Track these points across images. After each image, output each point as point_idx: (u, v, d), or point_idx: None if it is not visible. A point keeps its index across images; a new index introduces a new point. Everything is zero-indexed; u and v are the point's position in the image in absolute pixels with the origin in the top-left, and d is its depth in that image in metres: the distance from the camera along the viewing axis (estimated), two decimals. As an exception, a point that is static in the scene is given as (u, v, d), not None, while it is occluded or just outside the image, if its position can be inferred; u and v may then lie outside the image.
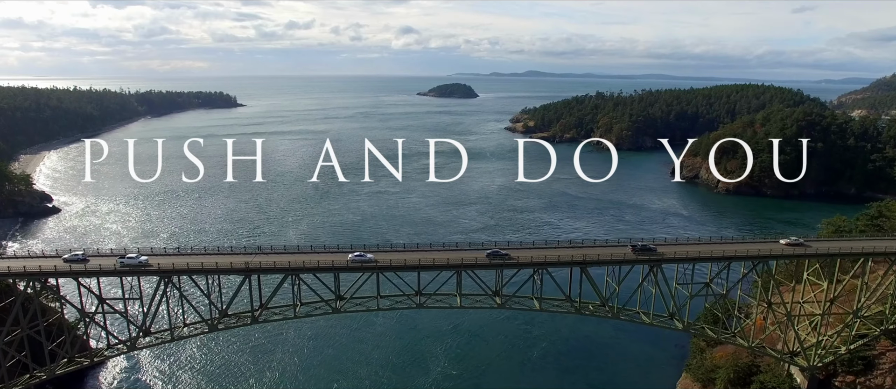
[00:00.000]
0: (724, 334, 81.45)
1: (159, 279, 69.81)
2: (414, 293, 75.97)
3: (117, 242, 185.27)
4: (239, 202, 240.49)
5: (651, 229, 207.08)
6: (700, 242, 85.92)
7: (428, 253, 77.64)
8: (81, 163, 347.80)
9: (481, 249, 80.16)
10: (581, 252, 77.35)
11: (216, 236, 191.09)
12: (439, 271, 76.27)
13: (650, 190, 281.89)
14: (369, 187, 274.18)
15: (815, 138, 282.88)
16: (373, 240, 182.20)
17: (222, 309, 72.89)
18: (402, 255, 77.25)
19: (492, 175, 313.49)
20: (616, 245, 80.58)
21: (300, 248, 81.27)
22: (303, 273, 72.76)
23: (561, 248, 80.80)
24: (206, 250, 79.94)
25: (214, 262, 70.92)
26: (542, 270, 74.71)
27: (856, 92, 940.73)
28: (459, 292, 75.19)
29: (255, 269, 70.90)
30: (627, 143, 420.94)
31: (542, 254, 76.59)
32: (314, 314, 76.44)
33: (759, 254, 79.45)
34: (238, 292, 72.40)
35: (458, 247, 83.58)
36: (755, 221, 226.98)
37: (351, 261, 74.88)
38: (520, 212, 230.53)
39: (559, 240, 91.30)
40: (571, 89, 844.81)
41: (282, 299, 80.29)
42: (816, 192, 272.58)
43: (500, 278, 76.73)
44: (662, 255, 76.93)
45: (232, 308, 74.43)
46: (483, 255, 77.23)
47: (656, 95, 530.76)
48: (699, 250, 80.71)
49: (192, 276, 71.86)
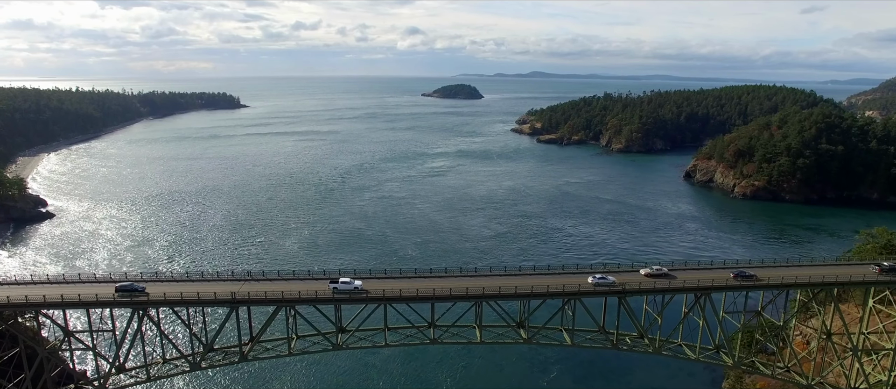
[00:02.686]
0: (778, 368, 71.72)
1: (133, 311, 60.57)
2: (426, 325, 66.32)
3: (111, 250, 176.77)
4: (238, 207, 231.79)
5: (668, 236, 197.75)
6: (751, 264, 76.17)
7: (443, 280, 67.50)
8: (80, 165, 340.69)
9: (503, 274, 70.39)
10: (620, 278, 67.56)
11: (213, 244, 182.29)
12: (456, 302, 66.55)
13: (664, 194, 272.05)
14: (374, 192, 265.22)
15: (835, 141, 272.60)
16: (377, 250, 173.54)
17: (207, 343, 63.57)
18: (412, 283, 67.14)
19: (499, 178, 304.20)
20: (658, 274, 70.42)
21: (296, 273, 70.98)
22: (299, 305, 63.08)
23: (583, 273, 70.91)
24: (188, 274, 70.27)
25: (196, 292, 61.37)
26: (575, 299, 65.14)
27: (866, 93, 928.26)
28: (479, 323, 65.79)
29: (243, 300, 61.57)
30: (637, 145, 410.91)
31: (575, 281, 66.82)
32: (311, 350, 66.86)
33: (823, 280, 69.37)
34: (224, 324, 63.11)
35: (478, 273, 73.48)
36: (777, 228, 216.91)
37: (334, 290, 65.14)
38: (530, 217, 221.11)
39: (592, 264, 78.23)
40: (577, 90, 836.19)
41: (276, 330, 70.99)
42: (837, 197, 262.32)
43: (526, 307, 67.12)
44: (712, 282, 66.91)
45: (219, 341, 65.08)
46: (506, 283, 67.39)
47: (665, 96, 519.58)
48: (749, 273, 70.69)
49: (173, 307, 62.41)
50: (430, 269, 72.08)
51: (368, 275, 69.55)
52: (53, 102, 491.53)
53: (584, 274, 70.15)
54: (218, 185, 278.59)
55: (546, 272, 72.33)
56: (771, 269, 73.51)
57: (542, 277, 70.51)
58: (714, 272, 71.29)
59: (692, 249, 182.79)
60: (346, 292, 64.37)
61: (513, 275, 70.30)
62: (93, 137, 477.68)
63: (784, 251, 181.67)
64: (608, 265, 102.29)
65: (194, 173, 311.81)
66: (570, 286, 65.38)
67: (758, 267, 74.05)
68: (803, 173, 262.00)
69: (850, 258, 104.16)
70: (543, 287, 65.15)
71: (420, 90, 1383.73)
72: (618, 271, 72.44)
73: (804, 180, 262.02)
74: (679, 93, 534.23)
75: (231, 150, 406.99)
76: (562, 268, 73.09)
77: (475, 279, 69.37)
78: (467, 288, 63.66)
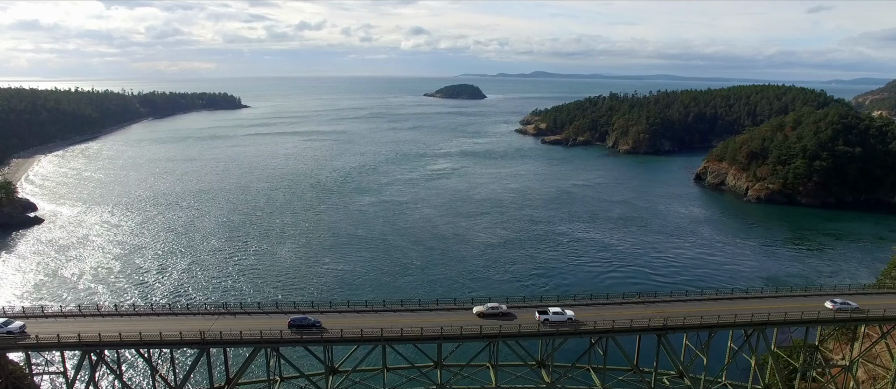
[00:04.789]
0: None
1: (82, 354, 51.41)
2: (432, 364, 56.94)
3: (100, 258, 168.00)
4: (233, 213, 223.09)
5: (682, 243, 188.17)
6: (806, 291, 66.63)
7: (451, 314, 57.79)
8: (75, 168, 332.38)
9: (524, 305, 60.80)
10: (658, 311, 58.10)
11: (205, 254, 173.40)
12: (466, 341, 56.75)
13: (674, 197, 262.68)
14: (375, 195, 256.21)
15: (852, 143, 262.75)
16: (378, 260, 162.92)
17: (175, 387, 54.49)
18: (416, 318, 57.45)
19: (504, 181, 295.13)
20: (698, 298, 61.04)
21: (280, 305, 61.00)
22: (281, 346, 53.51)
23: (629, 304, 61.37)
24: (153, 307, 60.85)
25: (158, 330, 52.11)
26: (607, 337, 55.86)
27: (873, 92, 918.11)
28: (494, 362, 56.51)
29: (214, 341, 52.24)
30: (645, 146, 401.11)
31: (607, 315, 57.28)
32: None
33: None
34: (195, 365, 53.84)
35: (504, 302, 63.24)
36: (797, 234, 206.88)
37: (291, 323, 55.83)
38: (537, 223, 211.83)
39: (624, 293, 67.07)
40: (579, 90, 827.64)
41: (256, 371, 61.81)
42: (855, 200, 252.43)
43: (548, 344, 57.75)
44: (768, 317, 57.30)
45: (189, 386, 56.07)
46: (528, 316, 57.63)
47: (672, 96, 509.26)
48: (803, 306, 60.77)
49: (138, 349, 53.22)
50: (436, 300, 62.03)
51: (364, 306, 59.97)
52: (50, 103, 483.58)
53: (611, 306, 60.48)
54: (215, 188, 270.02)
55: (573, 302, 62.67)
56: (817, 297, 63.81)
57: (570, 307, 60.62)
58: (765, 302, 61.83)
59: (709, 256, 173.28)
60: (300, 324, 54.31)
61: (531, 306, 60.53)
62: (90, 138, 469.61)
63: (809, 260, 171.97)
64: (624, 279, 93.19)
65: (191, 176, 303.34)
66: (601, 321, 55.90)
67: (814, 295, 64.48)
68: (820, 175, 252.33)
69: (891, 274, 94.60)
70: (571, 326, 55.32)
71: (423, 90, 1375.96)
72: (687, 300, 62.19)
73: (821, 184, 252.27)
74: (686, 93, 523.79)
75: (230, 151, 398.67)
76: (589, 297, 63.35)
77: (490, 312, 59.58)
78: (481, 325, 54.19)
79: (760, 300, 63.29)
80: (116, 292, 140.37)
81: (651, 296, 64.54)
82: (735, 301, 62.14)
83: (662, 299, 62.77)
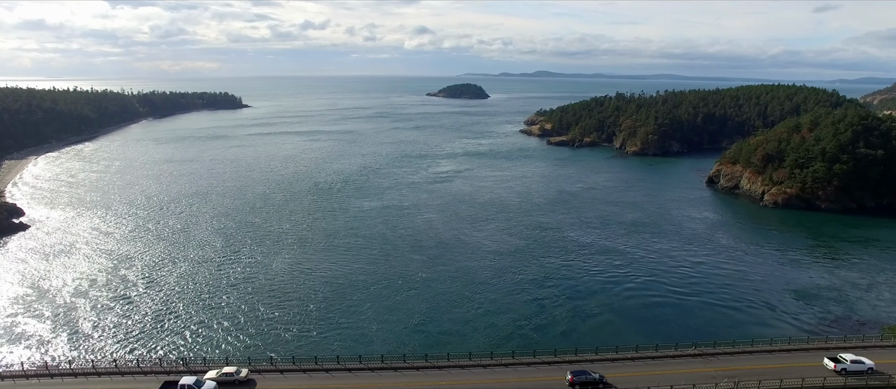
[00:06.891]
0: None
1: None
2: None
3: (84, 269, 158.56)
4: (228, 221, 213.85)
5: (700, 251, 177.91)
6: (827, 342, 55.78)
7: (466, 373, 46.19)
8: (69, 169, 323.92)
9: (555, 360, 49.65)
10: (723, 369, 47.26)
11: (196, 265, 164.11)
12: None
13: (687, 202, 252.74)
14: (376, 200, 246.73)
15: (873, 145, 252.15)
16: (378, 271, 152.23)
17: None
18: (420, 380, 46.29)
19: (510, 184, 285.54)
20: (768, 349, 50.51)
21: (251, 359, 50.66)
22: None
23: (683, 357, 50.06)
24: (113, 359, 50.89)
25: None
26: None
27: (880, 92, 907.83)
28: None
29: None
30: (653, 147, 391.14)
31: (652, 374, 46.42)
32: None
33: None
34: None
35: (516, 359, 51.51)
36: (821, 241, 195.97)
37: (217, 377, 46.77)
38: (546, 229, 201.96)
39: (677, 344, 55.14)
40: (582, 90, 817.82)
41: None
42: (877, 205, 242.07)
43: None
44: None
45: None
46: (561, 377, 46.36)
47: (681, 96, 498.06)
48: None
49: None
50: (447, 354, 50.51)
51: (358, 364, 49.63)
52: (46, 103, 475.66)
53: (659, 361, 49.21)
54: (211, 191, 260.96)
55: (615, 354, 51.43)
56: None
57: (613, 363, 49.62)
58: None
59: (730, 266, 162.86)
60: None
61: (566, 361, 49.59)
62: (87, 138, 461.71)
63: (839, 271, 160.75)
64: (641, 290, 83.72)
65: (188, 178, 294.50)
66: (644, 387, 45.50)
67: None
68: (840, 179, 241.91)
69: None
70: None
71: (426, 90, 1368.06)
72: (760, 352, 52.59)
73: (841, 187, 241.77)
74: (694, 93, 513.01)
75: (230, 152, 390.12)
76: (635, 348, 52.14)
77: (513, 368, 47.78)
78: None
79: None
80: (98, 310, 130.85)
81: (710, 347, 53.10)
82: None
83: (724, 349, 51.63)
